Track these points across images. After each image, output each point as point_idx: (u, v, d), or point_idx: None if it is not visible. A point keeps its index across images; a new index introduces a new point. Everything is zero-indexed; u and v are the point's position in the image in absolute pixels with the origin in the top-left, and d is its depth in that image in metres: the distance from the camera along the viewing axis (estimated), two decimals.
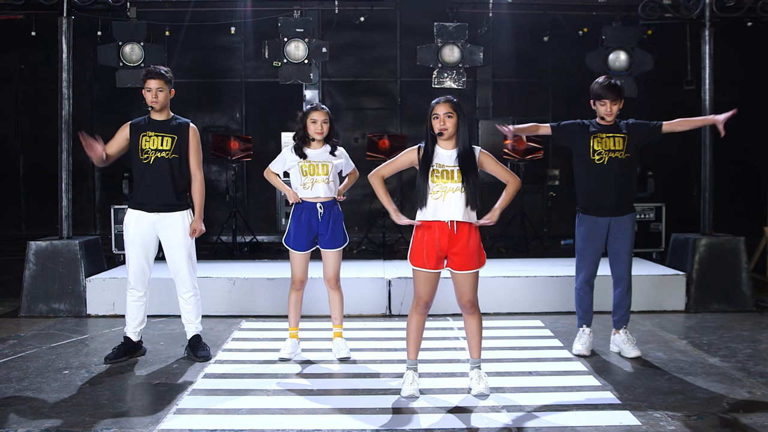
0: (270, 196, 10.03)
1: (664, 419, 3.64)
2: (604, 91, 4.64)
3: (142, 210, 4.72)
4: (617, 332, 4.91)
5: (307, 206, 4.72)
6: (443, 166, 3.96)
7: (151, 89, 4.66)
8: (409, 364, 4.12)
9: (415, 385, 4.04)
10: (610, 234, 4.75)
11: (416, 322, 4.07)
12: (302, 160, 4.71)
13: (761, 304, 6.44)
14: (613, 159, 4.67)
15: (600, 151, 4.67)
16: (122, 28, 7.41)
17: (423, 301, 4.02)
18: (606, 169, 4.67)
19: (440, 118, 3.96)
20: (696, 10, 6.61)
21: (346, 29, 9.81)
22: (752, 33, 8.30)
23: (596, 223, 4.73)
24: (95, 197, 10.93)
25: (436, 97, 4.04)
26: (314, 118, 4.68)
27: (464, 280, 3.99)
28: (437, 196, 3.94)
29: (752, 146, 10.41)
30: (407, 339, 4.10)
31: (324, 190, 4.71)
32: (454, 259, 3.97)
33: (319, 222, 4.71)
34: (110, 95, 9.76)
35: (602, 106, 4.67)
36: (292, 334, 4.86)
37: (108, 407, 3.85)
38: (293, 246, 4.74)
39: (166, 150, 4.71)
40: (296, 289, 4.81)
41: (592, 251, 4.77)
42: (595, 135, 4.69)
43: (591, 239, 4.75)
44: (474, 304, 4.05)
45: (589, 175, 4.73)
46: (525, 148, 9.05)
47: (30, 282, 6.20)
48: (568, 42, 8.91)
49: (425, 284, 4.00)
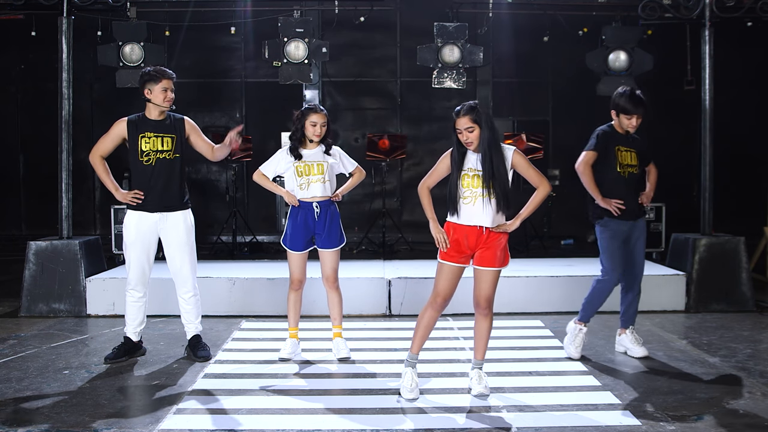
0: (270, 196, 10.00)
1: (664, 419, 3.64)
2: (633, 107, 4.64)
3: (143, 210, 4.71)
4: (624, 332, 4.91)
5: (304, 206, 4.72)
6: (474, 170, 3.95)
7: (167, 89, 4.66)
8: (409, 358, 4.11)
9: (415, 385, 4.03)
10: (632, 234, 4.80)
11: (428, 317, 4.06)
12: (297, 161, 4.70)
13: (761, 304, 6.44)
14: (631, 174, 4.77)
15: (623, 164, 4.75)
16: (122, 28, 7.41)
17: (441, 297, 4.02)
18: (628, 181, 4.76)
19: (463, 133, 3.92)
20: (696, 10, 6.60)
21: (346, 29, 9.81)
22: (752, 33, 8.29)
23: (620, 225, 4.76)
24: (95, 197, 10.93)
25: (458, 105, 3.98)
26: (314, 121, 4.67)
27: (486, 276, 4.00)
28: (468, 201, 3.94)
29: (752, 146, 10.41)
30: (415, 332, 4.09)
31: (320, 190, 4.71)
32: (480, 254, 3.99)
33: (315, 222, 4.71)
34: (110, 95, 9.76)
35: (628, 120, 4.69)
36: (291, 334, 4.86)
37: (108, 407, 3.85)
38: (290, 246, 4.74)
39: (168, 150, 4.70)
40: (295, 289, 4.82)
41: (620, 254, 4.77)
42: (618, 147, 4.74)
43: (617, 242, 4.77)
44: (490, 304, 4.05)
45: (614, 185, 4.75)
46: (525, 148, 9.04)
47: (30, 282, 6.20)
48: (568, 42, 8.91)
49: (447, 278, 4.00)
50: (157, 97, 4.66)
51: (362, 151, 9.52)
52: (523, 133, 9.21)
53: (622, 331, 4.93)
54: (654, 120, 10.26)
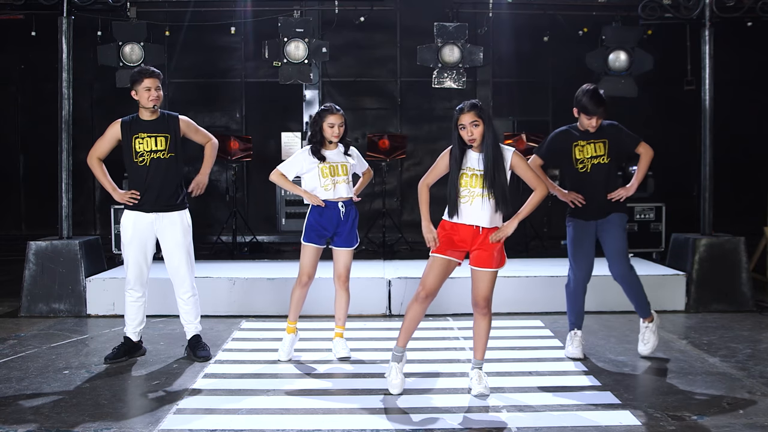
0: (270, 196, 10.02)
1: (664, 419, 3.64)
2: (593, 107, 4.57)
3: (139, 211, 4.71)
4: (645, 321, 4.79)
5: (330, 206, 4.70)
6: (473, 169, 3.95)
7: (150, 88, 4.64)
8: (395, 351, 4.09)
9: (399, 380, 4.02)
10: (599, 232, 4.74)
11: (414, 312, 4.04)
12: (322, 163, 4.69)
13: (761, 304, 6.44)
14: (596, 165, 4.67)
15: (582, 159, 4.69)
16: (122, 28, 7.41)
17: (425, 291, 4.00)
18: (589, 177, 4.68)
19: (467, 128, 3.89)
20: (696, 10, 6.60)
21: (346, 29, 9.80)
22: (752, 33, 8.29)
23: (584, 227, 4.75)
24: (95, 197, 10.93)
25: (461, 103, 3.97)
26: (331, 122, 4.67)
27: (483, 277, 4.00)
28: (465, 201, 3.94)
29: (752, 146, 10.41)
30: (401, 326, 4.08)
31: (346, 190, 4.72)
32: (476, 254, 3.99)
33: (340, 221, 4.71)
34: (110, 95, 9.73)
35: (587, 120, 4.63)
36: (290, 328, 4.82)
37: (108, 407, 3.85)
38: (308, 240, 4.71)
39: (162, 150, 4.69)
40: (302, 284, 4.76)
41: (583, 253, 4.76)
42: (576, 143, 4.69)
43: (580, 241, 4.75)
44: (488, 303, 4.04)
45: (573, 182, 4.76)
46: (525, 148, 9.04)
47: (30, 282, 6.20)
48: (568, 42, 8.91)
49: (435, 272, 3.99)
50: (142, 97, 4.66)
51: (362, 151, 9.34)
52: (523, 133, 9.20)
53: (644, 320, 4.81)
54: (654, 120, 10.31)
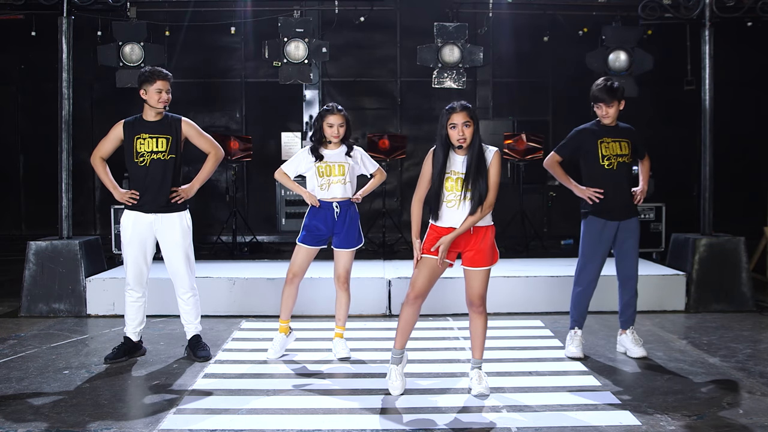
0: (270, 196, 10.02)
1: (664, 419, 3.64)
2: (600, 93, 4.66)
3: (139, 211, 4.71)
4: (624, 332, 4.90)
5: (324, 206, 4.72)
6: (458, 173, 3.93)
7: (162, 90, 4.64)
8: (394, 354, 4.09)
9: (399, 383, 4.03)
10: (618, 236, 4.75)
11: (406, 314, 4.03)
12: (319, 162, 4.70)
13: (761, 304, 6.44)
14: (621, 164, 4.70)
15: (609, 156, 4.69)
16: (122, 28, 7.41)
17: (414, 293, 3.97)
18: (615, 174, 4.69)
19: (458, 127, 3.86)
20: (696, 10, 6.60)
21: (346, 29, 9.80)
22: (752, 33, 8.29)
23: (605, 227, 4.73)
24: (95, 197, 10.93)
25: (450, 103, 3.94)
26: (331, 122, 4.66)
27: (477, 275, 4.00)
28: (452, 205, 3.92)
29: (752, 146, 10.41)
30: (397, 329, 4.07)
31: (340, 191, 4.71)
32: (468, 255, 3.98)
33: (335, 222, 4.71)
34: (110, 95, 9.75)
35: (599, 110, 4.70)
36: (282, 328, 4.83)
37: (108, 407, 3.85)
38: (301, 240, 4.73)
39: (162, 151, 4.69)
40: (288, 281, 4.77)
41: (600, 254, 4.76)
42: (602, 140, 4.70)
43: (599, 243, 4.74)
44: (483, 301, 4.04)
45: (596, 179, 4.73)
46: (525, 148, 9.04)
47: (30, 282, 6.20)
48: (568, 42, 8.91)
49: (425, 274, 3.96)
50: (151, 98, 4.66)
51: None
52: (523, 133, 9.20)
53: (622, 331, 4.92)
54: (654, 120, 10.30)
